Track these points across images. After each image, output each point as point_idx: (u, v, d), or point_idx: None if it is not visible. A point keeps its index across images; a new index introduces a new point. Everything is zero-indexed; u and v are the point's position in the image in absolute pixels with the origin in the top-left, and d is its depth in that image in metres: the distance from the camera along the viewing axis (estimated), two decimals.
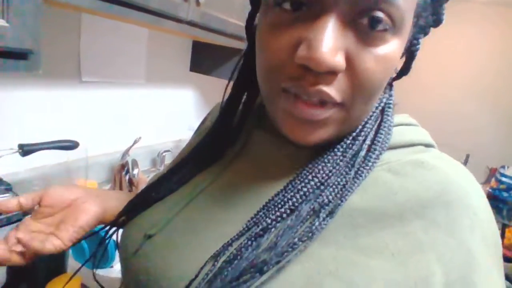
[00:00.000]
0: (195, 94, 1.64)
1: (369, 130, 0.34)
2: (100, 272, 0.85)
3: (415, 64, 0.36)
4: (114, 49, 1.16)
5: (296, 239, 0.29)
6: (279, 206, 0.32)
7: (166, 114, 1.51)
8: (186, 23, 0.97)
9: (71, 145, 0.89)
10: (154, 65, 1.34)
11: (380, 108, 0.36)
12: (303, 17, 0.27)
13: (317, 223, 0.30)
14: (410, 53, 0.35)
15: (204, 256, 0.32)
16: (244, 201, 0.35)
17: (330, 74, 0.27)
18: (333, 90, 0.28)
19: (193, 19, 0.97)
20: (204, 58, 1.49)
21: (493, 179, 2.29)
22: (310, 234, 0.29)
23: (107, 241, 0.84)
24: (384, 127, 0.35)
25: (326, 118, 0.30)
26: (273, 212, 0.32)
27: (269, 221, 0.31)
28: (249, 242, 0.31)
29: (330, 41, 0.25)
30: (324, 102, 0.29)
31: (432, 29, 0.35)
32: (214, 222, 0.35)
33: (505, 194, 2.13)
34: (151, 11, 0.84)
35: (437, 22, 0.33)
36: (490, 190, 2.11)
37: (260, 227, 0.31)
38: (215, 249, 0.32)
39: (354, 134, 0.34)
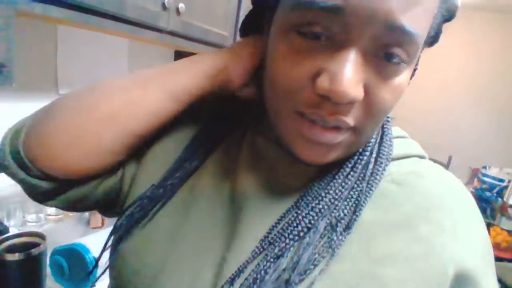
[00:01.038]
0: None
1: (373, 143, 0.35)
2: None
3: None
4: (93, 60, 1.13)
5: (316, 255, 0.30)
6: (295, 224, 0.31)
7: None
8: (167, 33, 0.96)
9: None
10: None
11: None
12: (325, 47, 0.27)
13: (335, 238, 0.30)
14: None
15: (213, 277, 0.32)
16: (253, 217, 0.34)
17: (349, 104, 0.28)
18: (350, 118, 0.29)
19: (174, 28, 0.96)
20: None
21: (475, 179, 2.35)
22: (330, 250, 0.30)
23: (87, 258, 0.81)
24: (386, 140, 0.36)
25: (339, 142, 0.30)
26: (289, 231, 0.31)
27: (287, 240, 0.31)
28: (268, 264, 0.30)
29: (352, 74, 0.26)
30: (339, 127, 0.29)
31: None
32: (220, 240, 0.34)
33: (488, 194, 2.18)
34: (129, 21, 0.82)
35: (434, 41, 0.34)
36: (473, 190, 2.16)
37: (278, 247, 0.31)
38: (227, 271, 0.31)
39: (360, 150, 0.35)
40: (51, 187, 0.38)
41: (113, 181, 0.41)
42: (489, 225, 1.74)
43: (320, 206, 0.32)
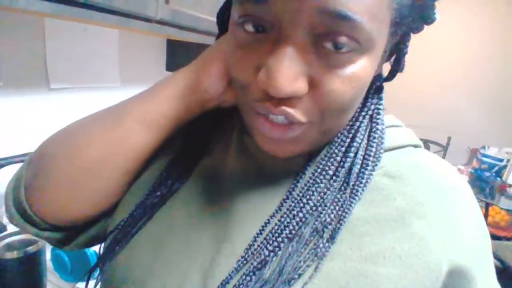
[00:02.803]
0: None
1: (359, 143, 0.33)
2: (80, 285, 0.83)
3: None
4: (83, 52, 1.11)
5: (302, 263, 0.29)
6: (277, 234, 0.31)
7: None
8: (156, 22, 0.94)
9: None
10: (128, 67, 1.30)
11: (368, 116, 0.34)
12: (265, 40, 0.27)
13: (321, 245, 0.29)
14: (398, 56, 0.34)
15: (201, 280, 0.31)
16: (242, 219, 0.33)
17: (293, 98, 0.27)
18: (297, 112, 0.28)
19: (164, 17, 0.94)
20: (180, 57, 1.46)
21: (474, 160, 2.35)
22: (315, 258, 0.29)
23: (88, 253, 0.82)
24: (374, 137, 0.34)
25: (296, 136, 0.29)
26: (271, 241, 0.30)
27: (266, 252, 0.30)
28: (248, 278, 0.29)
29: (288, 69, 0.25)
30: (290, 122, 0.28)
31: None
32: (208, 243, 0.33)
33: (487, 174, 2.19)
34: (116, 12, 0.80)
35: (429, 21, 0.32)
36: (473, 171, 2.16)
37: (258, 259, 0.30)
38: (217, 274, 0.31)
39: (343, 149, 0.33)
40: (61, 236, 0.39)
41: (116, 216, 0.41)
42: (488, 205, 1.75)
43: (302, 214, 0.31)
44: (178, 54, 1.46)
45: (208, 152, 0.39)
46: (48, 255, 0.80)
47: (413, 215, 0.31)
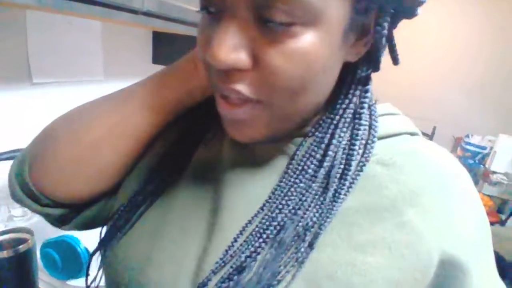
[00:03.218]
0: None
1: (339, 141, 0.32)
2: (72, 283, 0.82)
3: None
4: (66, 46, 1.08)
5: (281, 268, 0.29)
6: (257, 237, 0.30)
7: None
8: (142, 14, 0.92)
9: None
10: (112, 60, 1.27)
11: (350, 110, 0.32)
12: (214, 20, 0.28)
13: (302, 249, 0.29)
14: (375, 39, 0.30)
15: (195, 268, 0.32)
16: (233, 207, 0.33)
17: (237, 71, 0.27)
18: (244, 87, 0.28)
19: (150, 8, 0.92)
20: (166, 49, 1.43)
21: (459, 148, 2.41)
22: (296, 264, 0.29)
23: (79, 249, 0.81)
24: (357, 135, 0.32)
25: (248, 118, 0.30)
26: (251, 245, 0.30)
27: (243, 258, 0.30)
28: (227, 282, 0.29)
29: (226, 40, 0.26)
30: (243, 101, 0.29)
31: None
32: (202, 231, 0.34)
33: (470, 161, 2.25)
34: (101, 3, 0.78)
35: (409, 1, 0.29)
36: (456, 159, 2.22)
37: (236, 263, 0.30)
38: (209, 261, 0.31)
39: (323, 146, 0.32)
40: (62, 213, 0.40)
41: (115, 200, 0.41)
42: None
43: (280, 219, 0.30)
44: (165, 46, 1.44)
45: (205, 143, 0.39)
46: (38, 253, 0.79)
47: (405, 203, 0.30)
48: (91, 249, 0.81)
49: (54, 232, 0.86)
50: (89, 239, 0.80)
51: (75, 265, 0.80)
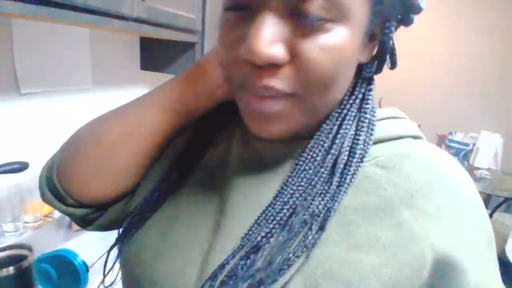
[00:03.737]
0: None
1: (346, 131, 0.33)
2: None
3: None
4: (53, 54, 1.06)
5: (291, 255, 0.29)
6: (270, 220, 0.31)
7: None
8: (132, 21, 0.91)
9: (20, 167, 0.80)
10: (100, 67, 1.25)
11: (355, 105, 0.34)
12: (245, 17, 0.28)
13: (310, 237, 0.30)
14: (381, 44, 0.32)
15: (201, 264, 0.33)
16: (238, 206, 0.35)
17: (274, 66, 0.28)
18: (279, 82, 0.28)
19: (140, 15, 0.91)
20: (154, 55, 1.42)
21: (443, 145, 2.47)
22: (304, 249, 0.30)
23: (76, 263, 0.79)
24: (362, 127, 0.34)
25: (280, 111, 0.30)
26: (264, 227, 0.31)
27: (259, 238, 0.31)
28: (243, 261, 0.30)
29: (265, 33, 0.26)
30: (276, 95, 0.29)
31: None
32: (208, 229, 0.35)
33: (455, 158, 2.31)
34: (90, 11, 0.77)
35: (415, 10, 0.32)
36: None
37: (252, 244, 0.31)
38: (214, 259, 0.32)
39: (330, 136, 0.33)
40: (85, 213, 0.42)
41: (132, 200, 0.43)
42: None
43: (292, 202, 0.31)
44: (153, 52, 1.42)
45: (213, 146, 0.41)
46: None
47: (402, 205, 0.31)
48: (89, 263, 0.80)
49: (48, 246, 0.84)
50: (86, 252, 0.79)
51: (72, 279, 0.79)
